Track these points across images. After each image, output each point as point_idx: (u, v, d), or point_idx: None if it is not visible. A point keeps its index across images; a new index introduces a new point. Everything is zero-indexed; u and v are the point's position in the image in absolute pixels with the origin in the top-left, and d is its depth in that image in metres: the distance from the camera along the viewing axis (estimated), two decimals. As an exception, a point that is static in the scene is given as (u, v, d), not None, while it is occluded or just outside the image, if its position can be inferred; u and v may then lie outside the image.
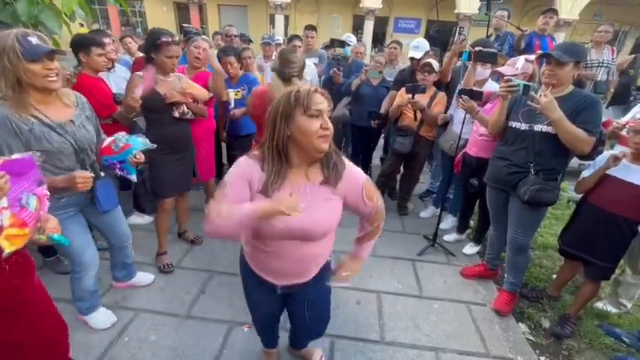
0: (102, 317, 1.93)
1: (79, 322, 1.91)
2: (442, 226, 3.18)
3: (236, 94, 2.85)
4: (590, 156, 2.08)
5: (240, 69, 3.06)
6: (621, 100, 4.02)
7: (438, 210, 3.04)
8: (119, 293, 2.18)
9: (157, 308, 2.09)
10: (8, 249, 0.99)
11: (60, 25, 2.32)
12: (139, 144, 1.65)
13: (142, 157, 1.66)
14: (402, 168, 3.47)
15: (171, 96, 2.11)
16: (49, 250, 2.32)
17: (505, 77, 2.08)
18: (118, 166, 1.63)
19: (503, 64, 2.56)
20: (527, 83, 1.92)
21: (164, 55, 2.04)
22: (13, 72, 1.23)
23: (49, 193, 1.15)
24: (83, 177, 1.38)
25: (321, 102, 1.03)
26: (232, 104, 2.92)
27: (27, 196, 1.06)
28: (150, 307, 2.10)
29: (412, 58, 3.30)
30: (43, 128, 1.35)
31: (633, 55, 4.27)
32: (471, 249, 2.89)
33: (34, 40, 1.24)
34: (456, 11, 12.09)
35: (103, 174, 1.64)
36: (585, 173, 2.07)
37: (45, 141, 1.35)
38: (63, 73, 1.39)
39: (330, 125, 1.05)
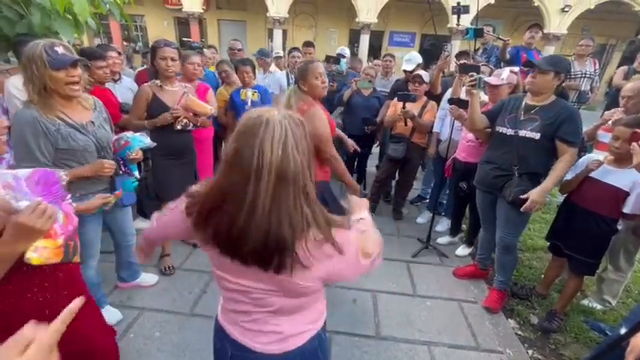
0: (108, 314, 2.00)
1: (87, 319, 1.99)
2: (438, 228, 3.31)
3: (253, 95, 3.09)
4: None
5: None
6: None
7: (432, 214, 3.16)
8: (124, 293, 2.27)
9: (161, 307, 2.17)
10: (35, 262, 0.94)
11: (73, 35, 2.47)
12: (136, 142, 1.79)
13: (138, 155, 1.80)
14: (396, 175, 3.60)
15: (175, 111, 2.27)
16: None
17: (470, 73, 2.23)
18: (120, 162, 1.77)
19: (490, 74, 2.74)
20: (481, 76, 2.19)
21: (159, 57, 2.19)
22: (39, 79, 1.36)
23: (74, 207, 1.13)
24: (109, 163, 1.58)
25: None
26: (249, 104, 3.14)
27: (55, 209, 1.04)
28: (154, 305, 2.18)
29: (404, 71, 3.48)
30: (69, 129, 1.49)
31: (625, 67, 4.50)
32: (463, 251, 3.00)
33: (60, 49, 1.38)
34: (448, 25, 12.47)
35: (121, 171, 1.78)
36: (568, 176, 2.20)
37: (70, 140, 1.49)
38: (85, 79, 1.53)
39: None
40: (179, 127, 2.34)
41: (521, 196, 2.01)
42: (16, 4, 2.30)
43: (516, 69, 2.66)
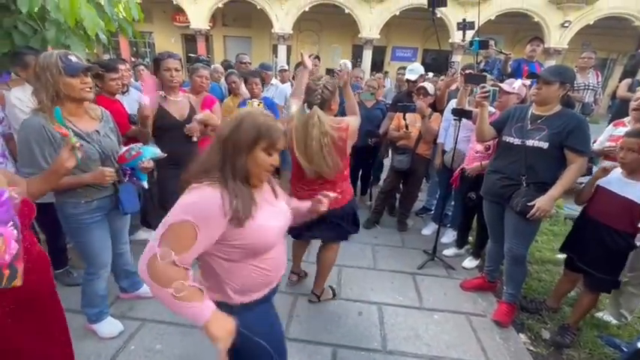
0: (109, 326, 1.98)
1: (87, 331, 1.96)
2: (444, 240, 3.26)
3: (259, 105, 3.20)
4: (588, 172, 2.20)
5: None
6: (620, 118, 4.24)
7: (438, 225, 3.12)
8: (126, 304, 2.23)
9: (162, 318, 2.12)
10: None
11: (84, 50, 2.55)
12: (148, 152, 1.82)
13: (150, 164, 1.82)
14: (401, 186, 3.59)
15: (194, 131, 2.39)
16: (58, 263, 2.39)
17: (481, 85, 2.23)
18: (129, 172, 1.78)
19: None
20: (495, 89, 2.18)
21: (162, 69, 2.23)
22: (53, 85, 1.41)
23: (16, 235, 0.99)
24: (110, 171, 1.59)
25: (282, 139, 1.04)
26: None
27: None
28: (156, 317, 2.14)
29: (408, 80, 3.52)
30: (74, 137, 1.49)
31: (629, 80, 4.50)
32: (470, 263, 2.94)
33: (73, 58, 1.44)
34: (450, 40, 12.70)
35: (126, 179, 1.79)
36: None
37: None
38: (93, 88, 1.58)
39: (277, 161, 1.06)
40: (195, 139, 2.44)
41: (528, 204, 1.98)
42: (32, 19, 2.38)
43: (528, 82, 2.67)
